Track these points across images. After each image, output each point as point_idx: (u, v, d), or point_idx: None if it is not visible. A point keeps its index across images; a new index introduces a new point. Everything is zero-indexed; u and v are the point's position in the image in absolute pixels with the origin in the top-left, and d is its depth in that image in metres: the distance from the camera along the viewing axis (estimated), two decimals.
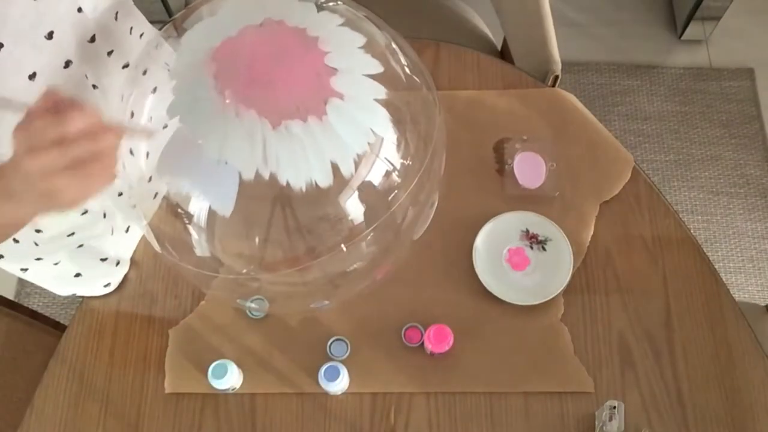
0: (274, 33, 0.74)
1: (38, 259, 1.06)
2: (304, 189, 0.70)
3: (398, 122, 0.75)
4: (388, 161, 0.76)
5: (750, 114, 2.24)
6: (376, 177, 0.75)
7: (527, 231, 1.23)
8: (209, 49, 0.73)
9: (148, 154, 0.81)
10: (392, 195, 0.78)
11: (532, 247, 1.22)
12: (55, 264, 1.09)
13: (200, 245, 0.82)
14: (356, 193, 0.75)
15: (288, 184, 0.69)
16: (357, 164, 0.72)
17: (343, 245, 0.78)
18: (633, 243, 1.23)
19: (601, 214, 1.25)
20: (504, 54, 1.69)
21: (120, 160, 0.69)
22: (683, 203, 2.13)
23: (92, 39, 0.88)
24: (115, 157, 0.67)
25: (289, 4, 0.79)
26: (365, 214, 0.77)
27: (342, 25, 0.77)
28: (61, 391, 1.15)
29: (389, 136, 0.75)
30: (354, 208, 0.76)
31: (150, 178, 0.81)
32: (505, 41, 1.67)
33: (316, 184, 0.70)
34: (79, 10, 0.84)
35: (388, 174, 0.76)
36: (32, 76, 0.81)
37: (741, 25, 2.36)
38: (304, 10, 0.78)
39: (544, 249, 1.22)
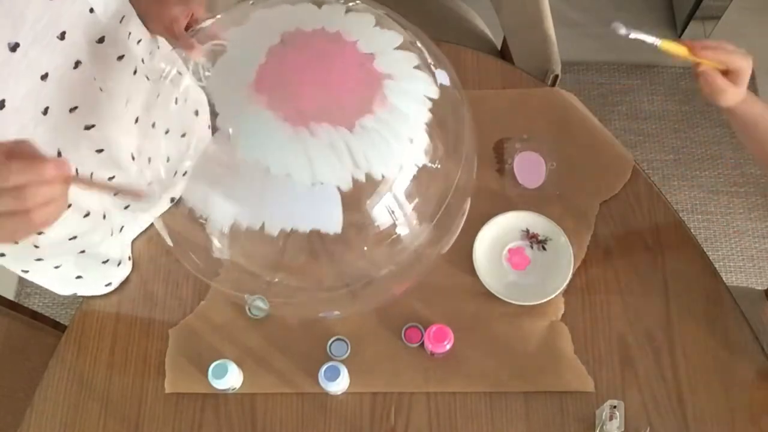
0: (300, 42, 0.74)
1: (38, 260, 1.06)
2: (397, 175, 0.71)
3: (434, 122, 0.75)
4: (427, 159, 0.76)
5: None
6: (406, 180, 0.75)
7: (527, 230, 1.23)
8: (247, 83, 0.72)
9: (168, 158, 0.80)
10: (422, 203, 0.78)
11: (532, 247, 1.22)
12: (56, 267, 1.09)
13: (221, 250, 0.81)
14: (385, 198, 0.74)
15: (383, 176, 0.70)
16: (429, 133, 0.73)
17: (365, 247, 0.78)
18: (633, 243, 1.23)
19: (601, 214, 1.25)
20: (504, 54, 1.69)
21: (55, 211, 0.65)
22: (683, 202, 2.13)
23: (101, 40, 0.88)
24: (40, 213, 0.64)
25: (290, 14, 0.78)
26: (393, 219, 0.77)
27: (347, 12, 0.77)
28: (61, 391, 1.15)
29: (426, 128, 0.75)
30: (382, 213, 0.75)
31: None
32: (505, 41, 1.67)
33: (403, 165, 0.71)
34: (91, 10, 0.84)
35: (425, 173, 0.76)
36: (44, 77, 0.81)
37: (741, 24, 2.36)
38: (305, 13, 0.78)
39: (544, 249, 1.22)
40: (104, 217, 1.09)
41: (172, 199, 0.82)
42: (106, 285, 1.20)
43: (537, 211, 1.22)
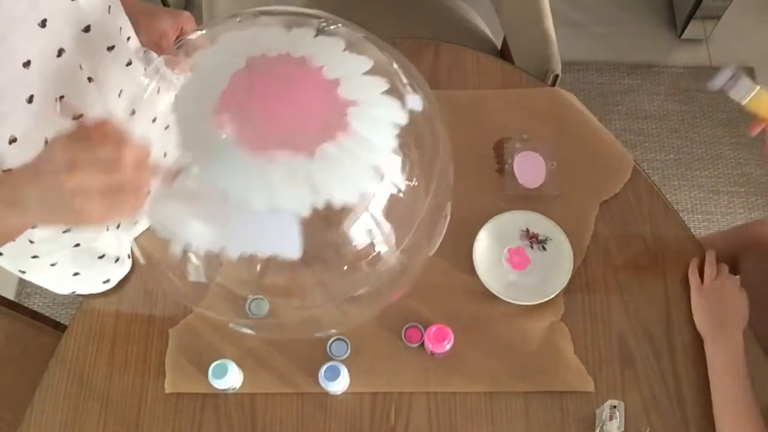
0: (263, 68, 0.74)
1: (34, 257, 1.06)
2: (357, 202, 0.70)
3: (402, 143, 0.74)
4: (394, 184, 0.75)
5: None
6: (382, 200, 0.75)
7: (527, 230, 1.23)
8: (209, 108, 0.72)
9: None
10: (401, 215, 0.78)
11: (532, 247, 1.22)
12: (52, 265, 1.09)
13: (197, 272, 0.80)
14: (361, 219, 0.74)
15: (344, 205, 0.69)
16: (394, 161, 0.72)
17: (345, 266, 0.78)
18: (633, 243, 1.23)
19: (601, 214, 1.25)
20: (504, 54, 1.69)
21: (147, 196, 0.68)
22: (684, 202, 2.13)
23: (87, 29, 0.88)
24: (146, 193, 0.67)
25: (257, 38, 0.78)
26: (371, 237, 0.77)
27: (316, 36, 0.77)
28: (61, 391, 1.15)
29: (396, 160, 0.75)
30: (359, 232, 0.75)
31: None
32: (505, 41, 1.67)
33: (366, 192, 0.70)
34: None
35: (394, 197, 0.76)
36: (26, 64, 0.80)
37: (741, 24, 2.36)
38: (272, 37, 0.78)
39: (544, 248, 1.22)
40: None
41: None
42: (104, 282, 1.19)
43: (537, 211, 1.22)
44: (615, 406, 1.02)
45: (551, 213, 1.23)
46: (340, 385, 1.08)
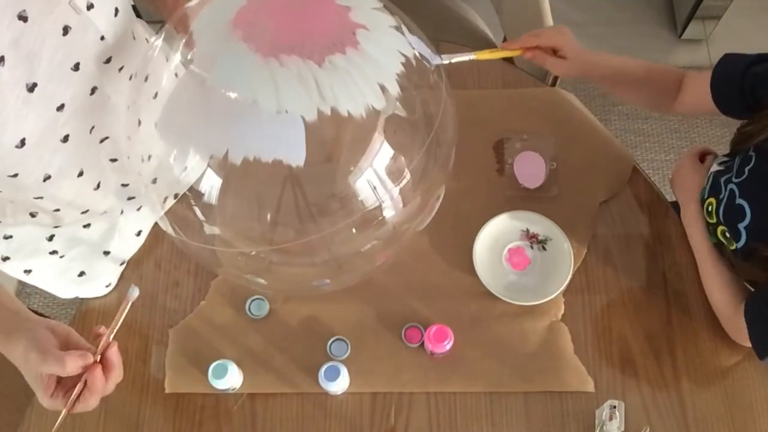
0: None
1: (53, 252, 1.07)
2: (364, 115, 0.72)
3: (406, 96, 0.77)
4: (395, 139, 0.78)
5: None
6: (384, 153, 0.78)
7: (527, 230, 1.23)
8: (226, 21, 0.75)
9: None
10: (399, 173, 0.80)
11: (532, 247, 1.22)
12: (61, 257, 1.09)
13: (209, 225, 0.83)
14: (364, 172, 0.77)
15: (349, 113, 0.72)
16: (400, 84, 0.75)
17: (353, 229, 0.79)
18: (633, 243, 1.23)
19: (601, 214, 1.25)
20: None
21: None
22: None
23: (108, 60, 0.89)
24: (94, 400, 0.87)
25: None
26: (373, 193, 0.79)
27: None
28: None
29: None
30: (362, 186, 0.78)
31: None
32: (505, 41, 1.67)
33: (372, 107, 0.73)
34: (102, 38, 0.85)
35: (395, 153, 0.78)
36: (60, 108, 0.82)
37: (741, 24, 2.36)
38: None
39: (544, 248, 1.22)
40: (121, 212, 1.10)
41: (176, 196, 0.83)
42: (107, 286, 1.20)
43: (537, 211, 1.22)
44: (615, 406, 1.02)
45: (551, 213, 1.23)
46: (340, 385, 1.08)
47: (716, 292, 1.13)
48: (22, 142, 0.79)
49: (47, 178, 0.88)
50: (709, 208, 1.12)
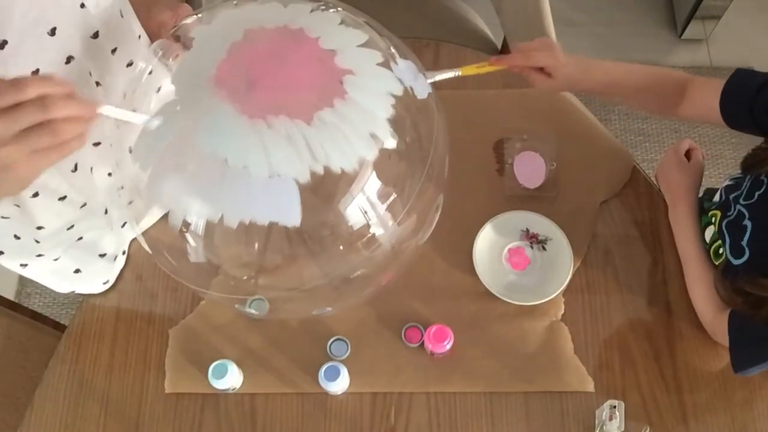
0: (261, 39, 0.75)
1: (39, 255, 1.06)
2: (358, 169, 0.71)
3: (398, 128, 0.75)
4: (388, 171, 0.77)
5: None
6: (376, 181, 0.76)
7: (527, 230, 1.23)
8: (207, 77, 0.73)
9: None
10: (393, 199, 0.79)
11: (532, 247, 1.22)
12: (55, 260, 1.09)
13: (197, 252, 0.81)
14: (356, 198, 0.76)
15: (342, 170, 0.70)
16: (391, 132, 0.73)
17: (341, 245, 0.78)
18: (633, 243, 1.23)
19: (601, 214, 1.25)
20: (504, 54, 1.69)
21: (87, 133, 0.66)
22: None
23: (95, 35, 0.88)
24: (71, 128, 0.64)
25: (255, 12, 0.80)
26: (366, 218, 0.78)
27: (312, 11, 0.78)
28: (61, 391, 1.15)
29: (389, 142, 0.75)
30: (354, 212, 0.76)
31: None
32: (505, 41, 1.67)
33: (365, 159, 0.71)
34: (82, 5, 0.84)
35: (388, 179, 0.77)
36: (35, 73, 0.81)
37: (741, 24, 2.36)
38: (270, 11, 0.79)
39: (544, 248, 1.22)
40: (105, 212, 1.09)
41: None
42: (104, 283, 1.20)
43: (537, 211, 1.22)
44: (615, 406, 1.02)
45: (551, 213, 1.23)
46: (340, 385, 1.08)
47: (699, 295, 1.14)
48: None
49: None
50: (713, 219, 1.13)
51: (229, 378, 1.08)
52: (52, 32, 0.80)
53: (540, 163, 1.27)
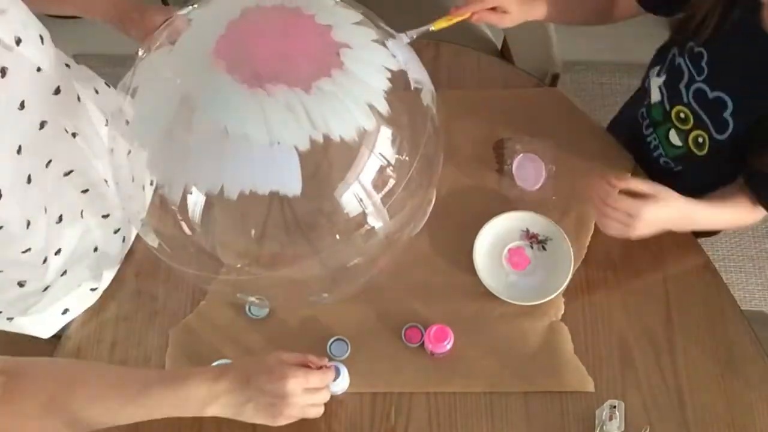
0: (259, 16, 0.76)
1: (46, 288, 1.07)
2: (356, 138, 0.72)
3: (392, 119, 0.76)
4: (383, 156, 0.77)
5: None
6: (371, 169, 0.77)
7: (527, 230, 1.23)
8: (207, 51, 0.74)
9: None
10: (388, 189, 0.79)
11: (532, 247, 1.22)
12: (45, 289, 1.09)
13: (195, 242, 0.82)
14: (352, 186, 0.76)
15: (342, 138, 0.71)
16: (389, 102, 0.74)
17: (337, 235, 0.79)
18: (633, 243, 1.23)
19: None
20: (504, 54, 1.69)
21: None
22: None
23: (56, 91, 0.89)
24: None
25: None
26: (362, 207, 0.78)
27: None
28: None
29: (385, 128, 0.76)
30: (349, 200, 0.77)
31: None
32: (505, 41, 1.67)
33: (364, 129, 0.72)
34: (38, 69, 0.84)
35: (382, 168, 0.78)
36: (19, 150, 0.82)
37: None
38: None
39: (544, 248, 1.22)
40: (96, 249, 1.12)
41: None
42: (92, 289, 1.19)
43: (537, 212, 1.22)
44: (615, 406, 1.02)
45: (551, 213, 1.23)
46: (340, 385, 1.08)
47: (725, 212, 1.13)
48: None
49: (29, 224, 0.88)
50: (682, 115, 1.15)
51: None
52: (21, 106, 0.81)
53: (539, 165, 1.27)
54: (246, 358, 0.89)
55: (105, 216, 1.08)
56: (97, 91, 1.07)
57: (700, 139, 1.13)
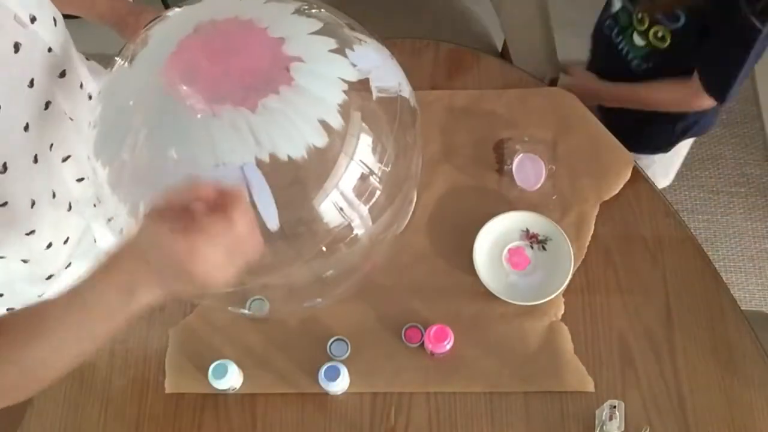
0: (210, 31, 0.75)
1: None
2: (306, 156, 0.70)
3: (352, 129, 0.75)
4: (364, 164, 0.76)
5: (750, 113, 2.23)
6: (350, 175, 0.76)
7: (527, 230, 1.22)
8: (156, 71, 0.73)
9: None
10: (367, 195, 0.78)
11: (532, 247, 1.22)
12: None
13: None
14: (330, 194, 0.75)
15: (289, 157, 0.69)
16: (343, 115, 0.72)
17: (318, 241, 0.78)
18: (633, 243, 1.23)
19: (601, 214, 1.25)
20: (504, 54, 1.69)
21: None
22: (683, 202, 2.13)
23: (62, 74, 0.89)
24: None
25: (208, 7, 0.80)
26: (342, 214, 0.77)
27: (266, 2, 0.78)
28: (61, 391, 1.15)
29: (364, 138, 0.75)
30: (328, 207, 0.76)
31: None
32: (505, 41, 1.67)
33: (314, 146, 0.70)
34: (50, 50, 0.84)
35: (364, 176, 0.77)
36: (26, 127, 0.82)
37: None
38: (224, 4, 0.79)
39: (544, 248, 1.22)
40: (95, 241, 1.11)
41: None
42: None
43: (537, 211, 1.22)
44: (615, 406, 1.02)
45: (551, 213, 1.23)
46: (340, 385, 1.08)
47: (661, 92, 1.34)
48: (4, 167, 0.79)
49: (33, 203, 0.88)
50: (639, 16, 1.27)
51: (229, 378, 1.08)
52: (31, 83, 0.82)
53: (539, 165, 1.27)
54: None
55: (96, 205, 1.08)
56: None
57: (659, 34, 1.25)
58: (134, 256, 0.64)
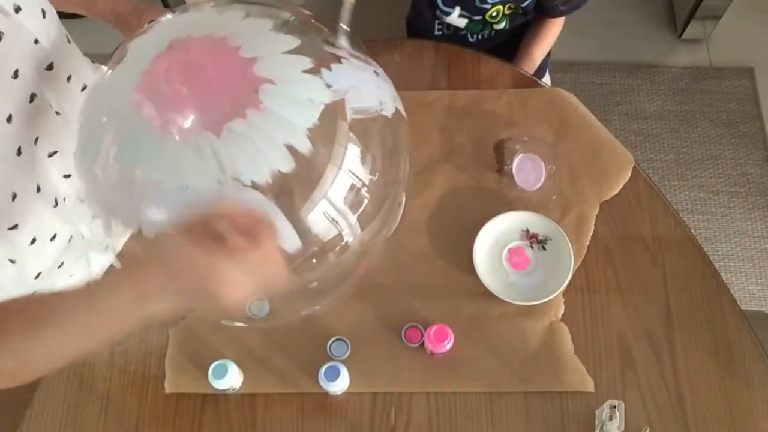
0: (183, 50, 0.74)
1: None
2: (271, 181, 0.69)
3: (358, 133, 0.74)
4: (353, 173, 0.75)
5: (750, 113, 2.24)
6: (336, 185, 0.75)
7: (527, 230, 1.22)
8: (128, 90, 0.73)
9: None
10: (354, 203, 0.78)
11: (532, 247, 1.22)
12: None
13: None
14: (317, 205, 0.74)
15: (254, 183, 0.68)
16: (312, 140, 0.71)
17: (313, 259, 0.77)
18: (633, 243, 1.23)
19: (601, 214, 1.25)
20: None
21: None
22: (683, 202, 2.13)
23: (50, 66, 0.89)
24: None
25: (187, 22, 0.80)
26: (328, 224, 0.77)
27: (245, 18, 0.77)
28: (61, 391, 1.15)
29: (348, 148, 0.74)
30: (316, 219, 0.75)
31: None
32: None
33: (279, 171, 0.69)
34: (36, 41, 0.84)
35: (353, 187, 0.76)
36: (9, 119, 0.81)
37: (741, 24, 2.36)
38: (201, 19, 0.79)
39: (544, 248, 1.22)
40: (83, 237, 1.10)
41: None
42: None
43: (537, 211, 1.22)
44: (615, 406, 1.02)
45: (551, 213, 1.23)
46: (340, 385, 1.08)
47: (545, 42, 1.51)
48: None
49: (14, 196, 0.88)
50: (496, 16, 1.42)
51: (229, 378, 1.08)
52: (15, 74, 0.81)
53: (539, 165, 1.27)
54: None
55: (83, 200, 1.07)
56: None
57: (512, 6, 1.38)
58: (154, 263, 0.66)
